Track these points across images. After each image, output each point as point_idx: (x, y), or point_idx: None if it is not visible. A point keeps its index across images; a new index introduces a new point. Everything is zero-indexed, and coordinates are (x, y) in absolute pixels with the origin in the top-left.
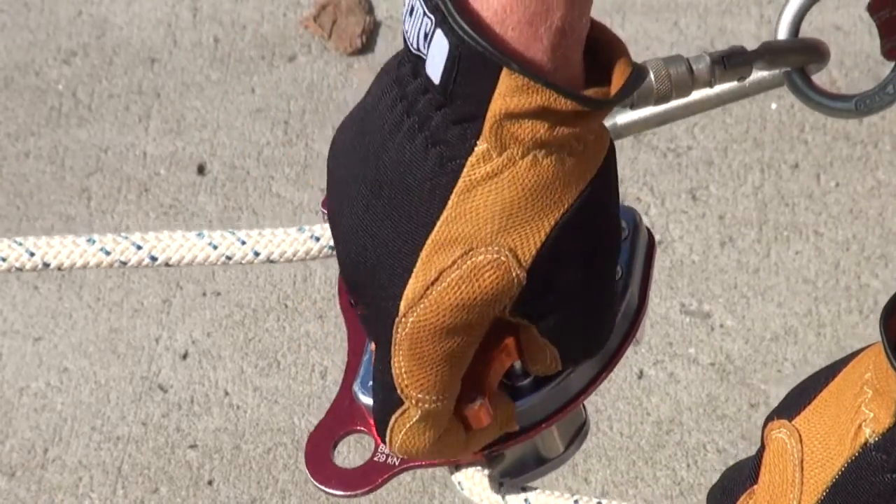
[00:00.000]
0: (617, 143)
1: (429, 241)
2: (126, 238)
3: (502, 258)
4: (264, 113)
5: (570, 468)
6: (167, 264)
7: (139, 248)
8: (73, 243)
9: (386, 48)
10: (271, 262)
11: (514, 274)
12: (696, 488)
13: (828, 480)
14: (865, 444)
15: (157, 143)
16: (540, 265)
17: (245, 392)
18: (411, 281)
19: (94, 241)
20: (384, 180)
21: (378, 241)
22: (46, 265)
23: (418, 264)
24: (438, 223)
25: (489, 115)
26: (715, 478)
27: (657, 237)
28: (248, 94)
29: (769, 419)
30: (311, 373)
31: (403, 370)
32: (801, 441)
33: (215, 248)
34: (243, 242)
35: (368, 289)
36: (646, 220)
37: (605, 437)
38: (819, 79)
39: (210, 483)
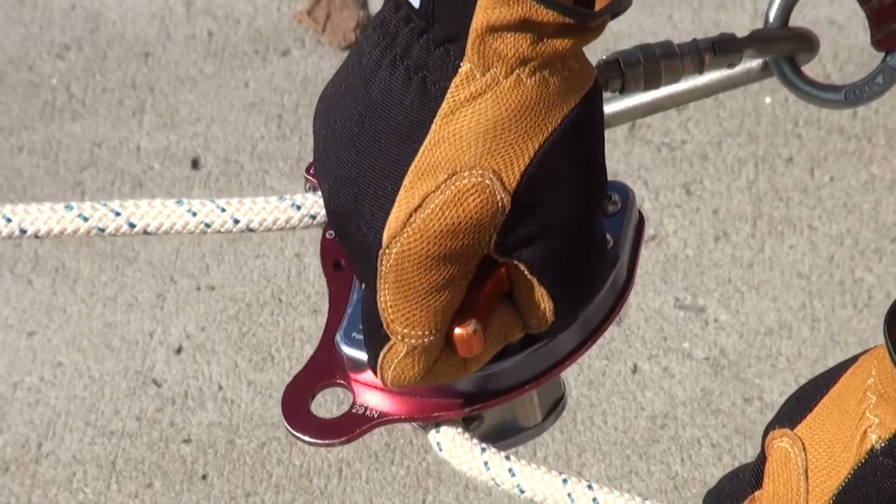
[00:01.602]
0: (611, 138)
1: (412, 168)
2: (105, 205)
3: (486, 181)
4: (258, 107)
5: (564, 462)
6: (146, 232)
7: (118, 214)
8: (50, 209)
9: None
10: (251, 230)
11: (498, 198)
12: (690, 483)
13: (834, 488)
14: (872, 449)
15: (151, 137)
16: (524, 190)
17: (239, 386)
18: (394, 209)
19: (71, 208)
20: (367, 114)
21: (362, 175)
22: (24, 231)
23: (401, 192)
24: (421, 149)
25: (472, 30)
26: (709, 472)
27: (651, 231)
28: (241, 88)
29: (769, 428)
30: None
31: (389, 304)
32: (804, 449)
33: (195, 215)
34: (223, 210)
35: (354, 226)
36: None
37: (599, 432)
38: (812, 72)
39: (204, 477)
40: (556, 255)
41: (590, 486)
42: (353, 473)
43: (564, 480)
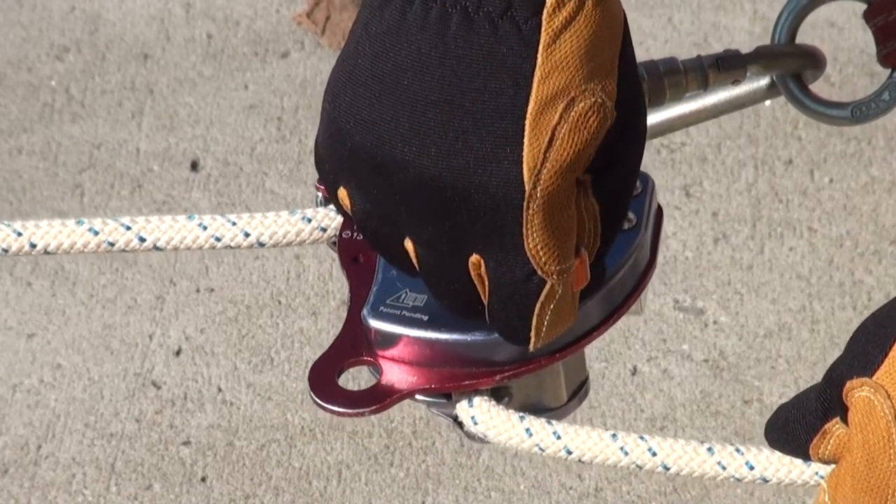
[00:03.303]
0: None
1: (530, 107)
2: (115, 220)
3: (599, 99)
4: (257, 109)
5: (563, 464)
6: (156, 247)
7: (128, 228)
8: (61, 224)
9: None
10: (261, 244)
11: (609, 113)
12: (689, 485)
13: None
14: None
15: (150, 139)
16: (619, 100)
17: (238, 389)
18: (526, 152)
19: (82, 223)
20: (453, 74)
21: (474, 135)
22: (34, 246)
23: (527, 132)
24: (534, 85)
25: None
26: None
27: None
28: (241, 90)
29: (844, 377)
30: (304, 369)
31: (540, 247)
32: (889, 397)
33: (205, 229)
34: (233, 224)
35: (480, 188)
36: None
37: None
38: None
39: (203, 480)
40: (621, 170)
41: (642, 438)
42: (353, 475)
43: (613, 436)
